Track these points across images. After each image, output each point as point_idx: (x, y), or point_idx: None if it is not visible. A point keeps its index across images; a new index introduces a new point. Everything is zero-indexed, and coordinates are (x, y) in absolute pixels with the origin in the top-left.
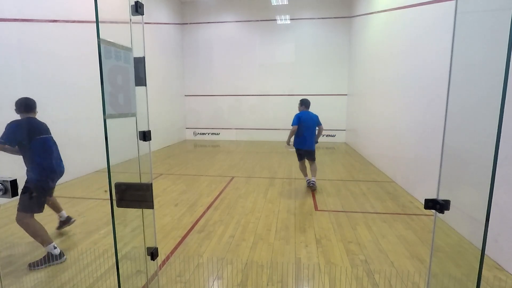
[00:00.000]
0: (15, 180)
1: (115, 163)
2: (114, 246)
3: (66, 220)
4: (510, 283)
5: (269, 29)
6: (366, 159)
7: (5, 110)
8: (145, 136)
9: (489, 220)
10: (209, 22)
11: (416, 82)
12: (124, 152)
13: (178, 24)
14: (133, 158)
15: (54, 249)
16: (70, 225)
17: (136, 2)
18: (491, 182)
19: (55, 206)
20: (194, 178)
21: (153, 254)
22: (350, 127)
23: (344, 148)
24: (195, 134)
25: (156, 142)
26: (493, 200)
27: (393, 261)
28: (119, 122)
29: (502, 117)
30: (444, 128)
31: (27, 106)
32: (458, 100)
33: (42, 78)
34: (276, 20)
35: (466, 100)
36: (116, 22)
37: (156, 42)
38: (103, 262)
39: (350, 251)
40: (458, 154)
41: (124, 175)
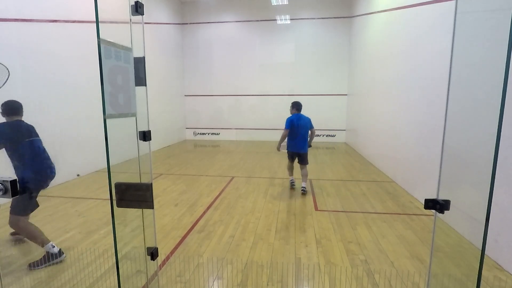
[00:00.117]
0: (15, 180)
1: (115, 163)
2: (114, 246)
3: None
4: (510, 283)
5: (269, 29)
6: (366, 159)
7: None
8: (145, 136)
9: (489, 220)
10: (209, 22)
11: (416, 82)
12: (124, 152)
13: (178, 24)
14: (133, 158)
15: (52, 248)
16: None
17: (136, 2)
18: (491, 182)
19: None
20: (194, 178)
21: (153, 254)
22: (350, 127)
23: (344, 148)
24: (195, 134)
25: (156, 142)
26: (493, 200)
27: (393, 261)
28: (119, 122)
29: (502, 117)
30: (444, 128)
31: (15, 109)
32: (458, 100)
33: (42, 78)
34: (276, 20)
35: (466, 100)
36: (116, 22)
37: (156, 42)
38: (103, 262)
39: (350, 251)
40: (458, 154)
41: (124, 175)
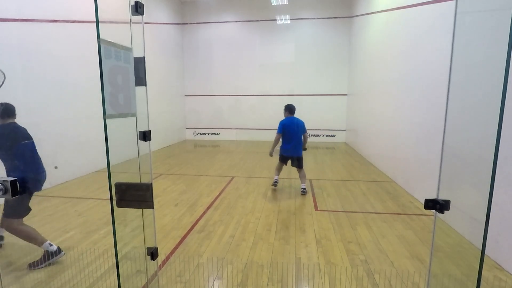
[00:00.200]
0: (15, 180)
1: (115, 163)
2: (114, 246)
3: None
4: (510, 283)
5: (269, 29)
6: (366, 159)
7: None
8: (145, 136)
9: (489, 220)
10: (209, 22)
11: (416, 82)
12: (124, 152)
13: (178, 24)
14: (133, 158)
15: (50, 246)
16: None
17: (136, 2)
18: (491, 182)
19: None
20: (194, 178)
21: (153, 254)
22: (350, 127)
23: (344, 148)
24: (195, 134)
25: (156, 142)
26: (493, 200)
27: (393, 261)
28: (119, 122)
29: (502, 117)
30: (444, 128)
31: (9, 111)
32: (458, 100)
33: (42, 78)
34: (276, 20)
35: (466, 100)
36: (116, 22)
37: (156, 42)
38: (103, 262)
39: (350, 251)
40: (458, 154)
41: (124, 175)
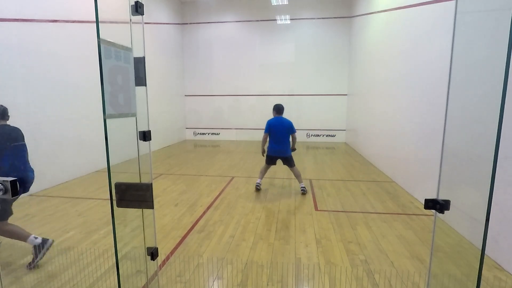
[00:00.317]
0: (15, 180)
1: (115, 163)
2: (114, 246)
3: None
4: (510, 283)
5: (269, 29)
6: (366, 159)
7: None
8: (145, 136)
9: (489, 220)
10: (209, 22)
11: (416, 82)
12: (124, 152)
13: (178, 24)
14: (133, 158)
15: (35, 239)
16: None
17: (136, 2)
18: (491, 182)
19: None
20: (194, 178)
21: (153, 254)
22: (350, 127)
23: (344, 148)
24: (195, 134)
25: (156, 142)
26: (493, 200)
27: (393, 261)
28: (119, 122)
29: (502, 117)
30: (444, 128)
31: (1, 113)
32: (458, 100)
33: (42, 78)
34: (276, 20)
35: (466, 100)
36: (116, 22)
37: (156, 42)
38: (103, 262)
39: (350, 251)
40: (458, 154)
41: (124, 175)
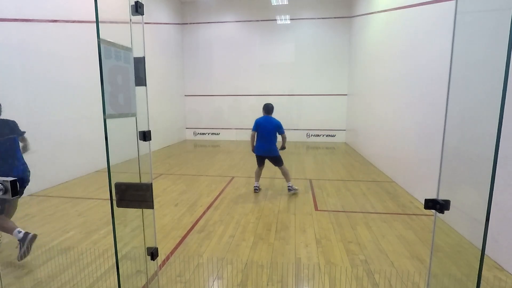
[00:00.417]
0: (15, 180)
1: (115, 163)
2: (114, 246)
3: None
4: (510, 283)
5: (269, 29)
6: (366, 159)
7: (5, 110)
8: (145, 136)
9: (489, 220)
10: (209, 22)
11: (416, 82)
12: (124, 152)
13: (178, 24)
14: (133, 158)
15: (18, 233)
16: None
17: (136, 2)
18: (491, 182)
19: None
20: (194, 178)
21: (153, 254)
22: (350, 127)
23: (344, 148)
24: (195, 134)
25: (156, 142)
26: (493, 200)
27: (393, 261)
28: (119, 122)
29: (502, 117)
30: (444, 128)
31: None
32: (458, 100)
33: (42, 78)
34: (276, 20)
35: (466, 100)
36: (116, 22)
37: (156, 42)
38: (103, 262)
39: (350, 251)
40: (458, 154)
41: (124, 175)
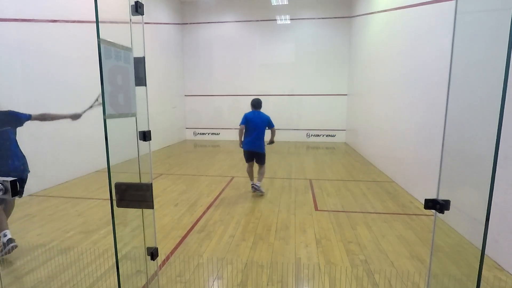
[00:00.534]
0: (15, 180)
1: (115, 163)
2: (114, 246)
3: None
4: (510, 283)
5: (269, 29)
6: (366, 159)
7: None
8: (145, 136)
9: (489, 220)
10: (209, 22)
11: (416, 82)
12: (124, 152)
13: (178, 24)
14: (133, 158)
15: (4, 237)
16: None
17: (136, 2)
18: (491, 182)
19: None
20: (194, 178)
21: (153, 254)
22: (350, 127)
23: (344, 148)
24: (195, 134)
25: (156, 142)
26: (493, 200)
27: (393, 261)
28: (119, 122)
29: (502, 117)
30: (444, 128)
31: None
32: (458, 100)
33: (42, 78)
34: (276, 20)
35: (466, 100)
36: (116, 22)
37: (156, 42)
38: (103, 262)
39: (350, 251)
40: (458, 154)
41: (124, 175)
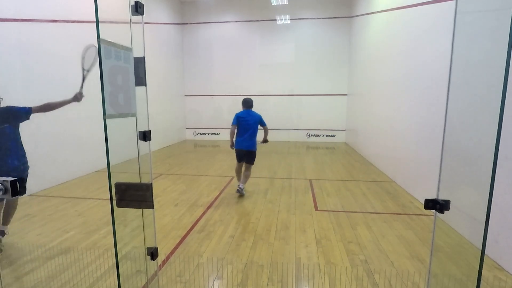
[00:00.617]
0: (15, 180)
1: (115, 163)
2: (114, 246)
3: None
4: (510, 283)
5: (269, 29)
6: (366, 159)
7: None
8: (145, 136)
9: (489, 220)
10: (209, 22)
11: (416, 82)
12: (124, 152)
13: (178, 24)
14: (133, 158)
15: None
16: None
17: (136, 2)
18: (491, 182)
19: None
20: (194, 178)
21: (153, 254)
22: (350, 127)
23: (344, 148)
24: (195, 134)
25: (156, 142)
26: (493, 200)
27: (393, 261)
28: (119, 122)
29: (502, 117)
30: (444, 128)
31: None
32: (458, 100)
33: (42, 78)
34: (276, 20)
35: (466, 100)
36: (116, 22)
37: (156, 42)
38: (103, 262)
39: (350, 251)
40: (458, 154)
41: (124, 175)
